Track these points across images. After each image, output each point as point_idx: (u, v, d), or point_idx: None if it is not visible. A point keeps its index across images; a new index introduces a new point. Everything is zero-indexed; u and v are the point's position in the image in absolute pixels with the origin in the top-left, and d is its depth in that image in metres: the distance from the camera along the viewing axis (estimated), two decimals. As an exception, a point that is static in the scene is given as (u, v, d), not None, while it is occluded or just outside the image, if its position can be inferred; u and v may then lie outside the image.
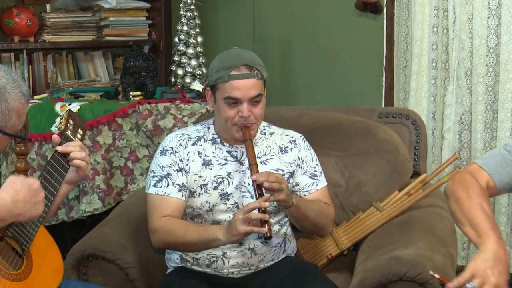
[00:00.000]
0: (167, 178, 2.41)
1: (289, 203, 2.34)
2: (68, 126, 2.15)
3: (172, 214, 2.38)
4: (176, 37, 3.92)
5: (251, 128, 2.37)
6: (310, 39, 3.90)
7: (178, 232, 2.33)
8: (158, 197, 2.40)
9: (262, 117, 2.41)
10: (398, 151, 2.85)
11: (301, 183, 2.50)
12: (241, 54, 2.36)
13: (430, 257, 2.28)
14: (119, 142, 3.50)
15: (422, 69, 3.41)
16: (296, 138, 2.55)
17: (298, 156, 2.51)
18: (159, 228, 2.36)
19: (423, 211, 2.66)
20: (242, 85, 2.32)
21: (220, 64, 2.36)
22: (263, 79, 2.36)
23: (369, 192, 2.80)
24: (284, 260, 2.50)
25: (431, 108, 3.43)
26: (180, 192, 2.40)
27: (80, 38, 3.96)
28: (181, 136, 2.47)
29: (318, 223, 2.45)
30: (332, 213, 2.52)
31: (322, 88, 3.89)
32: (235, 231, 2.22)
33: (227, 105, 2.35)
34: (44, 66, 3.91)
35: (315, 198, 2.48)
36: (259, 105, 2.36)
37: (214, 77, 2.36)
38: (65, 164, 2.09)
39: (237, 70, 2.32)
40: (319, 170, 2.53)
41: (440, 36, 3.39)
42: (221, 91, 2.35)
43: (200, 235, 2.31)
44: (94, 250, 2.51)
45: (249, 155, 2.33)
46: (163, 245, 2.41)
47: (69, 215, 3.56)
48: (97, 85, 3.95)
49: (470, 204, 1.90)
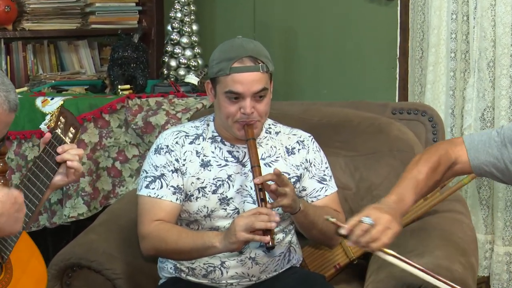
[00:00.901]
0: (160, 179, 2.41)
1: (295, 209, 2.33)
2: (58, 124, 2.13)
3: (164, 219, 2.38)
4: (169, 25, 3.92)
5: (254, 126, 2.37)
6: (316, 28, 3.90)
7: (170, 238, 2.33)
8: (150, 199, 2.40)
9: (267, 114, 2.41)
10: (413, 151, 2.85)
11: (308, 188, 2.50)
12: (245, 44, 2.36)
13: (448, 267, 2.28)
14: (106, 141, 3.50)
15: (440, 60, 3.41)
16: (304, 138, 2.55)
17: (306, 158, 2.51)
18: (150, 233, 2.36)
19: (441, 216, 2.66)
20: (245, 79, 2.32)
21: (222, 55, 2.36)
22: (269, 72, 2.37)
23: (381, 196, 2.78)
24: (289, 270, 2.50)
25: (450, 103, 3.43)
26: (175, 195, 2.40)
27: (63, 26, 3.96)
28: (177, 133, 2.48)
29: (327, 232, 2.44)
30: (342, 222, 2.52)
31: (330, 82, 3.89)
32: (234, 238, 2.22)
33: (228, 100, 2.35)
34: (24, 56, 3.91)
35: (324, 204, 2.48)
36: (264, 100, 2.36)
37: (214, 69, 2.36)
38: (53, 165, 2.08)
39: (240, 62, 2.32)
40: (328, 174, 2.53)
41: (459, 24, 3.38)
42: (222, 84, 2.35)
43: (195, 241, 2.31)
44: (79, 259, 2.52)
45: (251, 156, 2.33)
46: (154, 253, 2.42)
47: (52, 221, 3.56)
48: (82, 78, 3.95)
49: (409, 168, 2.15)
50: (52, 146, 2.08)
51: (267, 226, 2.19)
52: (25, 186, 1.99)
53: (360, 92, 3.75)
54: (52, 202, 3.54)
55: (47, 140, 2.09)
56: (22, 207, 1.88)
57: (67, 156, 2.08)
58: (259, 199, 2.24)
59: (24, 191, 1.98)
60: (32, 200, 1.99)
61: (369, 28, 3.73)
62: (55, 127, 2.11)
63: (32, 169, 2.04)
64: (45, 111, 3.49)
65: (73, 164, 2.08)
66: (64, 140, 2.12)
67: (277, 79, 3.98)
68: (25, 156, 3.53)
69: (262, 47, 2.39)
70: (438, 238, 2.49)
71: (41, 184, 2.04)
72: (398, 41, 3.60)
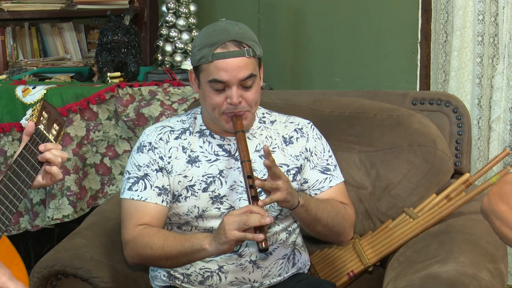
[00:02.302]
0: (144, 179, 2.42)
1: (294, 204, 2.33)
2: (41, 120, 2.15)
3: (150, 223, 2.40)
4: (163, 5, 3.94)
5: (243, 117, 2.38)
6: (328, 8, 3.91)
7: (155, 243, 2.34)
8: (133, 202, 2.41)
9: (257, 104, 2.42)
10: (435, 146, 2.86)
11: (310, 180, 2.51)
12: (228, 27, 2.37)
13: (474, 275, 2.29)
14: (94, 134, 3.52)
15: (466, 45, 3.42)
16: (302, 125, 2.56)
17: (305, 147, 2.52)
18: (134, 239, 2.37)
19: (466, 218, 2.67)
20: (230, 65, 2.33)
21: (204, 40, 2.37)
22: (257, 57, 2.38)
23: (400, 196, 2.81)
24: (295, 277, 2.51)
25: (476, 92, 3.44)
26: (160, 196, 2.41)
27: (45, 6, 3.97)
28: (161, 129, 2.49)
29: (335, 226, 2.45)
30: (351, 215, 2.53)
31: (343, 69, 3.90)
32: (224, 238, 2.22)
33: (212, 90, 2.36)
34: (2, 41, 3.92)
35: (329, 197, 2.49)
36: (252, 88, 2.37)
37: (196, 57, 2.38)
38: (35, 163, 2.09)
39: (223, 48, 2.33)
40: (332, 163, 2.54)
41: (487, 4, 3.39)
42: (205, 73, 2.36)
43: (182, 245, 2.32)
44: (64, 267, 2.53)
45: (240, 150, 2.33)
46: (139, 260, 2.42)
47: (33, 224, 3.57)
48: (66, 65, 3.97)
49: None
50: (35, 143, 2.10)
51: (261, 223, 2.19)
52: (5, 186, 2.00)
53: (376, 80, 3.76)
54: (34, 202, 3.55)
55: (30, 130, 2.10)
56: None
57: (48, 156, 2.09)
58: (251, 196, 2.25)
59: (4, 191, 1.99)
60: (12, 201, 2.01)
61: (387, 9, 3.74)
62: (38, 122, 2.13)
63: (13, 167, 2.05)
64: (26, 101, 3.51)
65: (51, 169, 2.10)
66: (48, 137, 2.13)
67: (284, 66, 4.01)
68: (4, 151, 3.55)
69: (249, 29, 2.40)
70: (463, 242, 2.50)
71: (23, 184, 2.05)
72: (419, 24, 3.61)
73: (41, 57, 4.02)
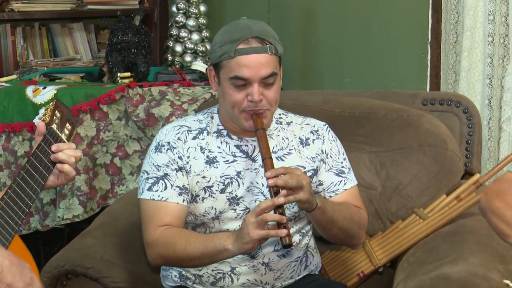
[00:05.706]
0: (164, 179, 2.42)
1: (313, 205, 2.34)
2: (54, 119, 2.15)
3: (171, 223, 2.39)
4: (173, 5, 3.94)
5: (263, 115, 2.38)
6: (338, 8, 3.91)
7: (178, 243, 2.34)
8: (154, 203, 2.41)
9: (277, 103, 2.42)
10: (446, 146, 2.85)
11: (325, 182, 2.51)
12: (250, 24, 2.37)
13: (485, 276, 2.28)
14: (104, 135, 3.52)
15: (476, 45, 3.41)
16: (318, 127, 2.56)
17: (321, 149, 2.52)
18: (156, 240, 2.37)
19: (477, 219, 2.66)
20: (252, 62, 2.32)
21: (225, 37, 2.37)
22: (278, 55, 2.37)
23: (410, 196, 2.81)
24: (306, 278, 2.51)
25: (487, 93, 3.43)
26: (181, 196, 2.41)
27: (56, 7, 3.98)
28: (179, 128, 2.49)
29: (349, 230, 2.45)
30: (365, 219, 2.53)
31: (353, 69, 3.90)
32: (247, 238, 2.22)
33: (233, 87, 2.35)
34: (13, 41, 3.93)
35: (343, 200, 2.49)
36: (273, 87, 2.37)
37: (217, 53, 2.37)
38: (48, 163, 2.09)
39: (245, 44, 2.33)
40: (347, 166, 2.54)
41: (498, 4, 3.38)
42: (226, 69, 2.35)
43: (205, 246, 2.32)
44: (75, 266, 2.53)
45: (261, 148, 2.33)
46: (162, 261, 2.43)
47: (44, 224, 3.58)
48: (77, 65, 3.98)
49: None
50: (48, 143, 2.10)
51: (275, 202, 2.18)
52: (19, 186, 2.00)
53: (386, 81, 3.76)
54: (44, 202, 3.56)
55: (42, 130, 2.10)
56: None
57: (62, 156, 2.09)
58: (273, 193, 2.24)
59: (18, 191, 2.00)
60: (25, 201, 2.01)
61: (397, 9, 3.74)
62: (50, 122, 2.13)
63: (26, 167, 2.06)
64: (36, 101, 3.51)
65: (63, 167, 2.10)
66: (60, 136, 2.13)
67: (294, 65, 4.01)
68: (14, 151, 3.56)
69: (270, 28, 2.40)
70: (473, 243, 2.49)
71: (35, 184, 2.05)
72: (429, 24, 3.60)
73: (51, 57, 4.03)
